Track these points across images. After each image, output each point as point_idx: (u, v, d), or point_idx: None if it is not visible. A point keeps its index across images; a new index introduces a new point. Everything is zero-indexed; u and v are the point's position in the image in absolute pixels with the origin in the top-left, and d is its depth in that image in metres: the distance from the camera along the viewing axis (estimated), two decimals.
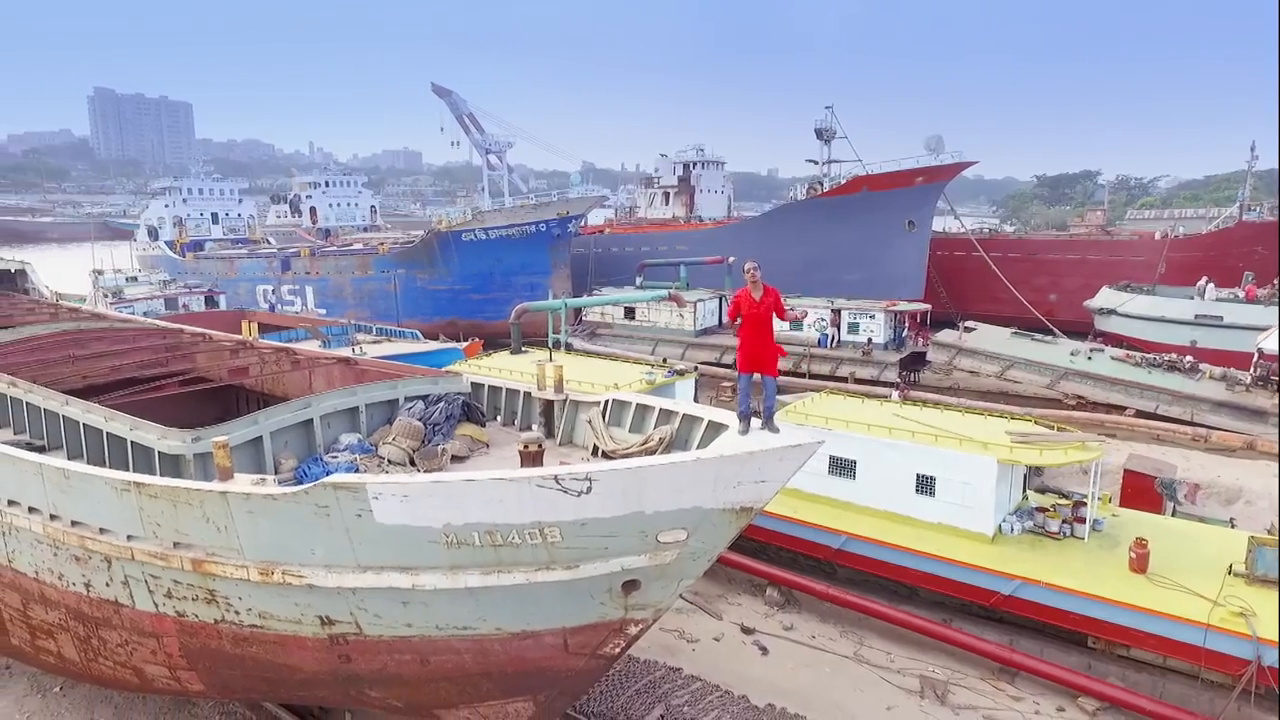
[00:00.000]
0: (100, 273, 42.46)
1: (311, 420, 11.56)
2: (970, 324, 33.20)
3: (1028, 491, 17.14)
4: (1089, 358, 28.88)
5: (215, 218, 63.04)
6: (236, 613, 9.39)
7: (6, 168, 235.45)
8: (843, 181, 44.98)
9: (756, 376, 8.88)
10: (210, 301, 41.42)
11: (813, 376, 32.82)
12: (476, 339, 29.50)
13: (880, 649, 15.13)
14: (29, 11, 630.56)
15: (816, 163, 48.13)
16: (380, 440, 11.89)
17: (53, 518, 10.32)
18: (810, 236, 43.35)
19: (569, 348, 35.86)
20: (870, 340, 32.78)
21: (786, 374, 33.74)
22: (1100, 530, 15.39)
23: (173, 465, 10.58)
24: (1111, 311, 37.07)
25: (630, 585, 8.50)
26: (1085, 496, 15.68)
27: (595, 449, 11.34)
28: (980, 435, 15.73)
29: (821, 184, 47.53)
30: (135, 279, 42.52)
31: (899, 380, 29.80)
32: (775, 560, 17.09)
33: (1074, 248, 47.93)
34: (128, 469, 10.86)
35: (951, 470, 15.36)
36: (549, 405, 12.88)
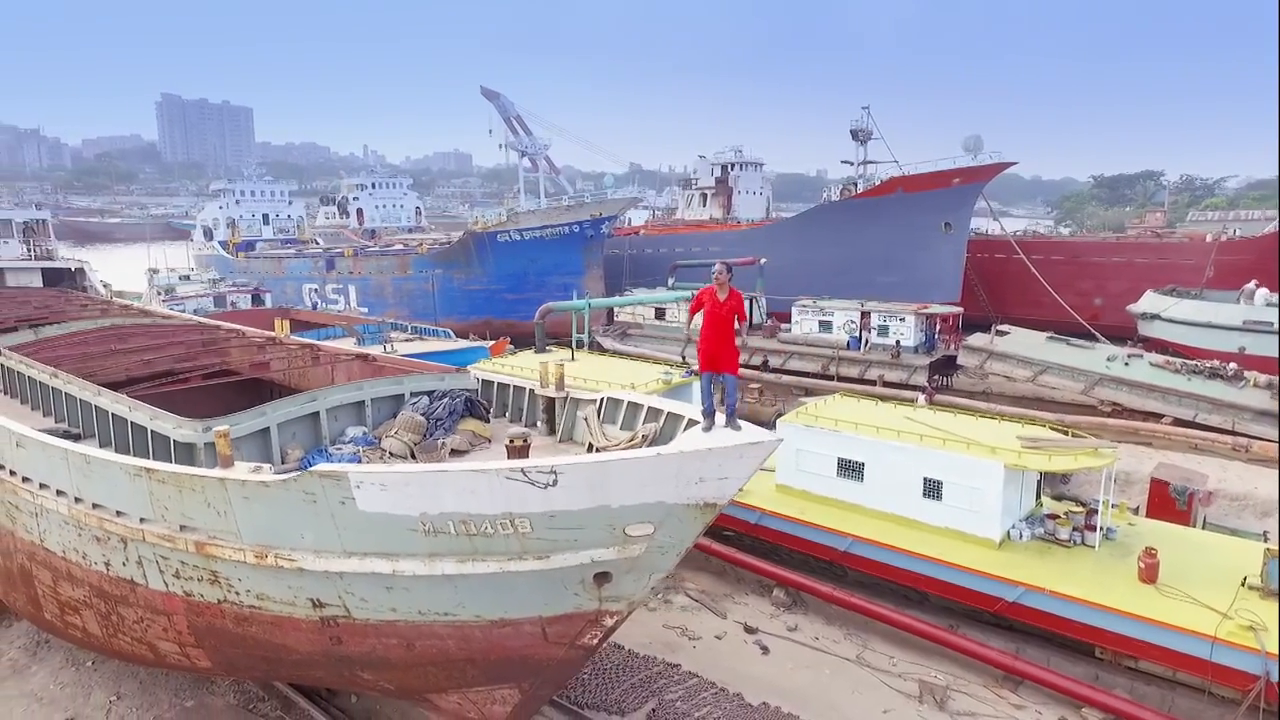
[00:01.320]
0: (156, 271, 44.42)
1: (318, 413, 12.06)
2: (1004, 328, 32.50)
3: (1042, 498, 16.83)
4: (1126, 363, 28.06)
5: (266, 219, 65.28)
6: (237, 594, 9.91)
7: (81, 171, 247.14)
8: (878, 183, 44.47)
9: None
10: (256, 299, 42.95)
11: (841, 379, 32.58)
12: (504, 338, 30.01)
13: (883, 653, 15.06)
14: (106, 22, 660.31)
15: (852, 164, 47.73)
16: (384, 433, 12.36)
17: (76, 500, 11.00)
18: (844, 238, 42.98)
19: (597, 347, 36.25)
20: (899, 343, 32.37)
21: (814, 375, 33.59)
22: (1113, 539, 15.07)
23: (187, 453, 11.19)
24: (1155, 316, 35.89)
25: (602, 577, 8.74)
26: (1101, 504, 15.34)
27: (590, 445, 11.62)
28: (990, 440, 15.53)
29: (856, 185, 47.05)
30: (188, 278, 44.35)
31: (927, 384, 29.37)
32: (787, 562, 17.10)
33: (1120, 250, 46.47)
34: (148, 456, 11.52)
35: (958, 474, 15.21)
36: (551, 403, 13.21)
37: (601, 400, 12.27)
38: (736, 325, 8.60)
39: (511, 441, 9.96)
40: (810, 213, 49.30)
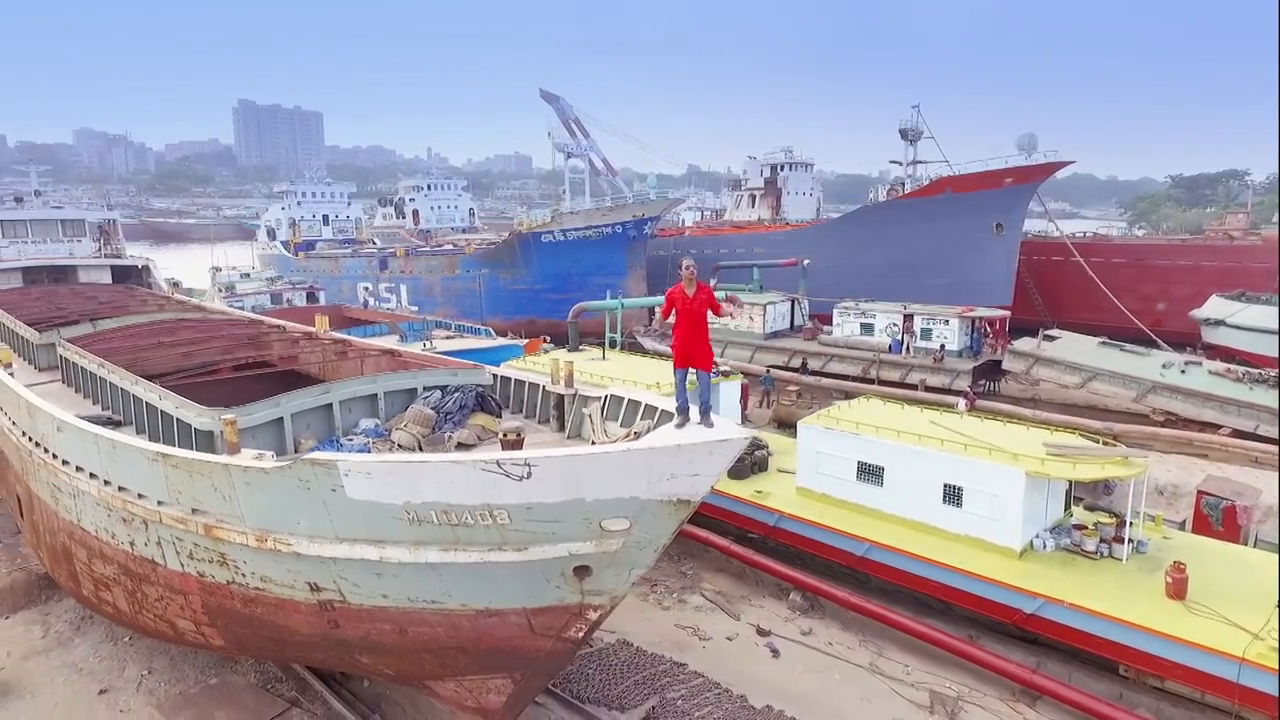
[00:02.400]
0: (218, 269, 46.44)
1: (331, 404, 12.47)
2: (1054, 332, 31.38)
3: (1072, 508, 16.24)
4: (1182, 371, 26.77)
5: (326, 219, 67.56)
6: (243, 575, 10.34)
7: (162, 174, 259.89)
8: (925, 183, 43.42)
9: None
10: (311, 297, 44.44)
11: (882, 383, 31.93)
12: (541, 336, 30.42)
13: (898, 661, 14.77)
14: (190, 30, 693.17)
15: (900, 163, 46.70)
16: (394, 426, 12.69)
17: (105, 483, 11.65)
18: (891, 239, 42.10)
19: (637, 348, 36.40)
20: (943, 347, 31.54)
21: (855, 379, 33.02)
22: (1144, 552, 14.45)
23: (207, 440, 11.68)
24: (1220, 322, 34.10)
25: (582, 571, 8.83)
26: (1131, 515, 14.73)
27: (593, 441, 11.72)
28: (1016, 446, 15.07)
29: (903, 185, 46.04)
30: (248, 275, 46.21)
31: (968, 389, 28.54)
32: (810, 567, 16.88)
33: (1186, 253, 44.26)
34: (175, 443, 12.09)
35: (979, 481, 14.81)
36: (561, 399, 13.36)
37: (605, 397, 12.36)
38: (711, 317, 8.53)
39: (505, 435, 10.11)
40: (856, 213, 48.46)
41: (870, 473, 16.49)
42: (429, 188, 74.21)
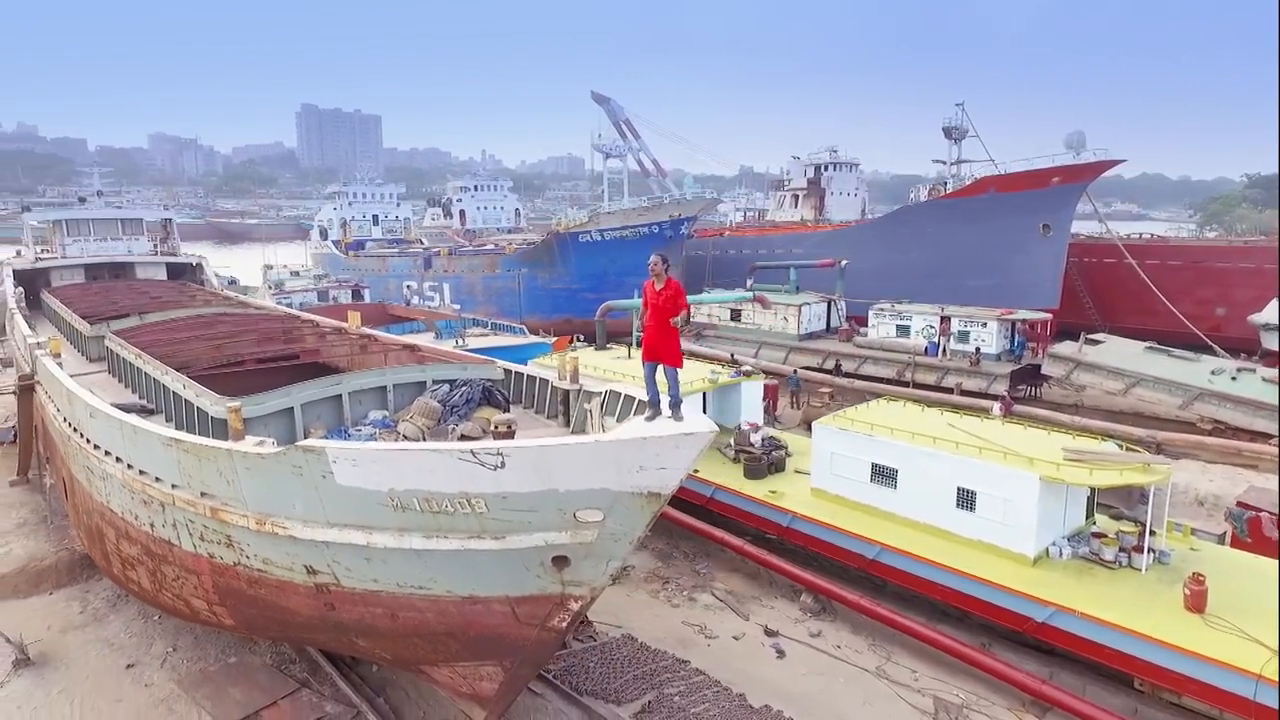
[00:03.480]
0: (270, 267, 48.07)
1: (341, 396, 12.88)
2: (1098, 336, 30.32)
3: (1095, 516, 15.74)
4: (1234, 378, 25.59)
5: (375, 219, 69.32)
6: (248, 557, 10.77)
7: (229, 176, 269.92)
8: (967, 182, 42.36)
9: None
10: (356, 295, 45.66)
11: (916, 386, 31.34)
12: (568, 335, 30.74)
13: (907, 666, 14.53)
14: (259, 36, 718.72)
15: (944, 162, 45.63)
16: (401, 418, 13.04)
17: (128, 466, 12.25)
18: (932, 240, 41.19)
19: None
20: (979, 350, 30.77)
21: (889, 381, 32.48)
22: (1166, 563, 13.92)
23: (223, 428, 12.19)
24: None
25: (560, 561, 8.97)
26: (1152, 524, 14.21)
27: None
28: (1032, 451, 14.68)
29: (945, 185, 44.99)
30: (297, 274, 47.74)
31: (1004, 394, 27.79)
32: (823, 569, 16.70)
33: (1249, 255, 42.15)
34: (195, 431, 12.64)
35: (993, 485, 14.48)
36: (566, 394, 13.54)
37: (605, 393, 12.47)
38: (681, 318, 8.55)
39: (495, 427, 10.33)
40: (896, 214, 47.57)
41: (884, 475, 16.25)
42: (476, 188, 75.46)
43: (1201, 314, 39.85)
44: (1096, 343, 29.28)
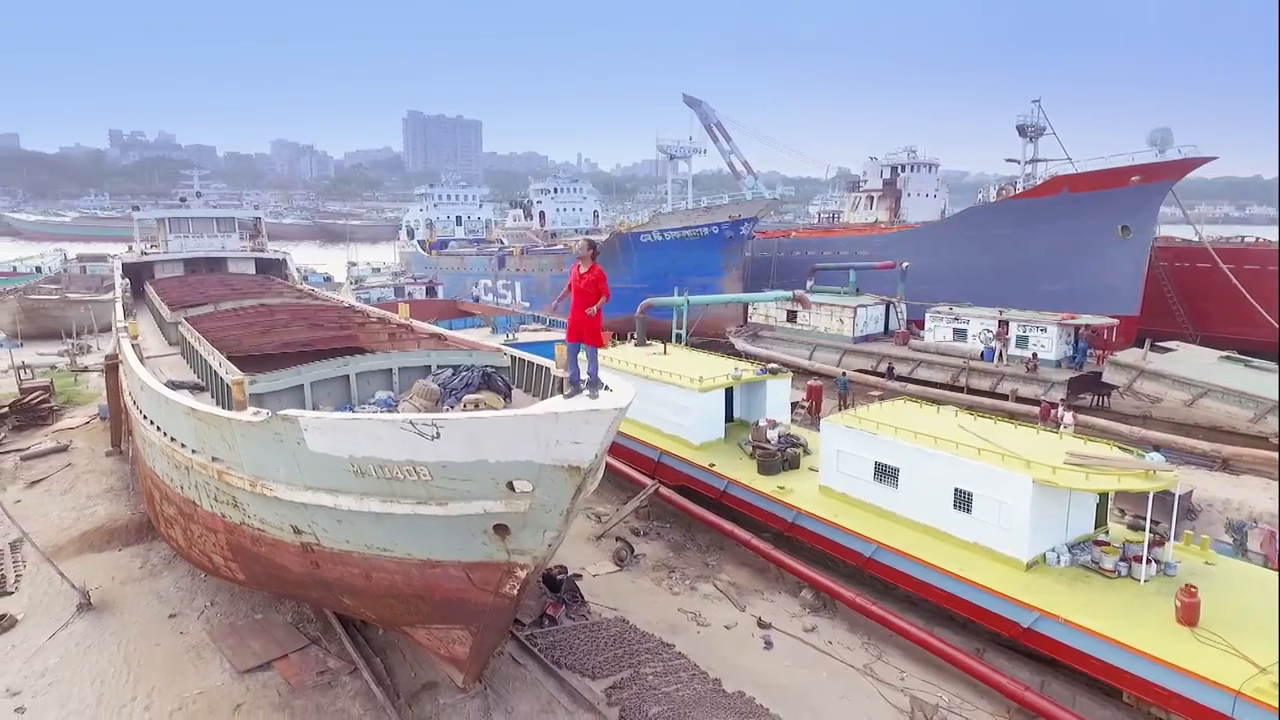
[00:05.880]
0: (354, 265, 51.10)
1: (349, 376, 13.97)
2: (1170, 344, 28.57)
3: (1108, 525, 15.14)
4: None
5: (459, 220, 72.30)
6: (249, 517, 11.93)
7: (338, 180, 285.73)
8: (1039, 182, 40.41)
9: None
10: (430, 291, 48.00)
11: (971, 391, 30.36)
12: (608, 332, 31.45)
13: (896, 666, 14.43)
14: (368, 47, 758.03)
15: (1018, 162, 43.68)
16: (403, 398, 14.03)
17: (164, 434, 13.71)
18: (1001, 243, 39.51)
19: (729, 348, 36.61)
20: (1035, 355, 29.51)
21: (942, 386, 31.60)
22: (1171, 575, 13.31)
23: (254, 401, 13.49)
24: None
25: (502, 530, 9.62)
26: (1150, 532, 13.62)
27: None
28: (1036, 455, 14.30)
29: (1015, 185, 43.03)
30: (378, 271, 50.54)
31: (1061, 401, 26.60)
32: (830, 566, 16.71)
33: None
34: (229, 407, 13.98)
35: (988, 487, 14.21)
36: (562, 381, 14.21)
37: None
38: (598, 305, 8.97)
39: (465, 406, 11.09)
40: (963, 215, 45.84)
41: (886, 474, 16.14)
42: (555, 190, 77.40)
43: None
44: (1167, 350, 27.64)
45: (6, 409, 28.71)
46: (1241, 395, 24.36)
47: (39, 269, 62.98)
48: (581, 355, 9.41)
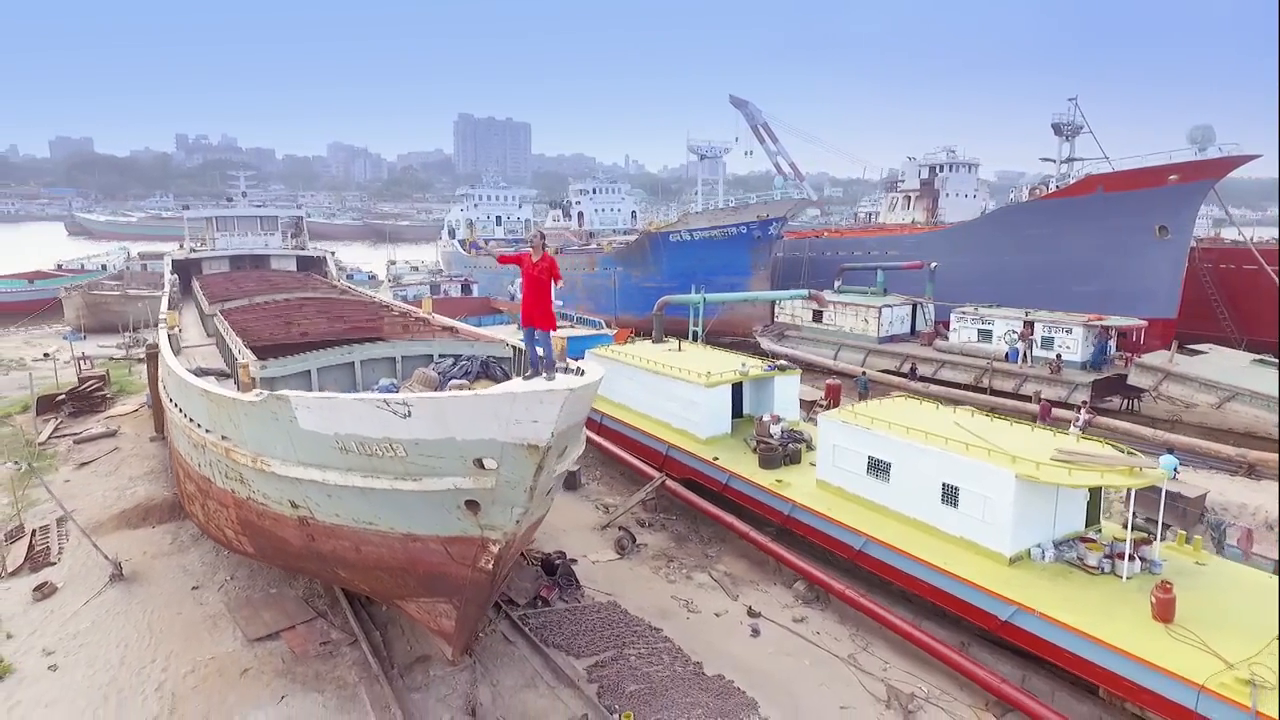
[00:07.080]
0: (393, 263, 52.63)
1: (353, 364, 14.77)
2: (1201, 347, 27.84)
3: (1100, 522, 15.07)
4: None
5: (499, 220, 73.75)
6: (254, 492, 12.77)
7: (390, 181, 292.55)
8: (1072, 181, 39.49)
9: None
10: (465, 289, 49.18)
11: (994, 393, 30.01)
12: (629, 329, 32.01)
13: (880, 658, 14.63)
14: (423, 45, 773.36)
15: (1053, 161, 42.72)
16: (404, 385, 14.77)
17: (183, 414, 14.69)
18: (1034, 243, 38.74)
19: (757, 347, 36.83)
20: (1059, 357, 29.00)
21: (965, 387, 31.32)
22: (1156, 573, 13.24)
23: (266, 385, 14.38)
24: None
25: (474, 506, 10.20)
26: (1132, 531, 13.55)
27: None
28: (1025, 451, 14.34)
29: (1048, 184, 42.10)
30: (416, 269, 51.96)
31: (1082, 403, 26.14)
32: (825, 560, 16.92)
33: None
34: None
35: (973, 482, 14.30)
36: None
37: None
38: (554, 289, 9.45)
39: (453, 388, 11.70)
40: (994, 215, 45.01)
41: (879, 468, 16.31)
42: (594, 191, 78.32)
43: None
44: (1196, 353, 26.96)
45: (64, 396, 30.56)
46: (1269, 400, 23.68)
47: (104, 266, 66.33)
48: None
